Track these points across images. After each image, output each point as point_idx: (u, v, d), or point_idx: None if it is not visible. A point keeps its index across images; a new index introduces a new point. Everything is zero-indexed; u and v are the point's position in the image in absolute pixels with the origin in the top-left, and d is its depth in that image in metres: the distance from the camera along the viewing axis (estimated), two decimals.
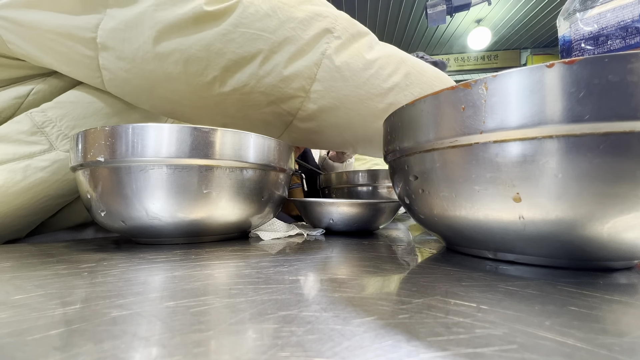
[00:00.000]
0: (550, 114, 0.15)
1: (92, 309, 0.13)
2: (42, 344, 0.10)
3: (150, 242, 0.29)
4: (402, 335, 0.10)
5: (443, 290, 0.15)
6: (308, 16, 0.33)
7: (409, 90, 0.38)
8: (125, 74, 0.32)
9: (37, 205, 0.34)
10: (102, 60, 0.32)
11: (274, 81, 0.34)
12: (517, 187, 0.17)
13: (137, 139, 0.25)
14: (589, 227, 0.16)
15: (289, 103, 0.36)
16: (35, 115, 0.33)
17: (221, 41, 0.31)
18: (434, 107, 0.20)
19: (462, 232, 0.21)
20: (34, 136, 0.33)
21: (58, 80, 0.36)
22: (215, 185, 0.27)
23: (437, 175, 0.20)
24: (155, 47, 0.31)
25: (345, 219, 0.36)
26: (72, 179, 0.35)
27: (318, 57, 0.34)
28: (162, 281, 0.17)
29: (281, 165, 0.32)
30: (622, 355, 0.09)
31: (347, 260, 0.22)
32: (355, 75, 0.36)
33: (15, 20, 0.30)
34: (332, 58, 0.34)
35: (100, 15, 0.30)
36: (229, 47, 0.31)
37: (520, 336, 0.10)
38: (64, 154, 0.34)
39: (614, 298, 0.14)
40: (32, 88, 0.34)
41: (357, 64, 0.36)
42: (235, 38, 0.31)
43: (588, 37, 0.36)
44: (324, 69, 0.34)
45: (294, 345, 0.10)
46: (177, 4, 0.30)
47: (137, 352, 0.09)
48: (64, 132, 0.34)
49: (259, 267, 0.20)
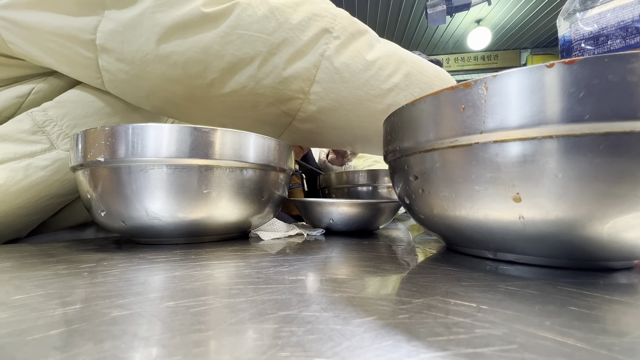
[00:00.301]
0: (550, 114, 0.15)
1: (92, 309, 0.13)
2: (42, 344, 0.10)
3: (150, 242, 0.29)
4: (402, 335, 0.10)
5: (443, 290, 0.15)
6: (306, 17, 0.33)
7: (409, 90, 0.38)
8: (125, 76, 0.32)
9: (38, 204, 0.34)
10: (102, 62, 0.32)
11: (273, 83, 0.34)
12: (517, 187, 0.17)
13: (137, 139, 0.25)
14: (589, 227, 0.16)
15: (288, 104, 0.36)
16: (36, 114, 0.33)
17: (219, 43, 0.31)
18: (434, 107, 0.20)
19: (462, 232, 0.21)
20: (35, 135, 0.33)
21: (59, 79, 0.36)
22: (215, 185, 0.27)
23: (437, 175, 0.20)
24: (153, 49, 0.31)
25: (345, 219, 0.36)
26: (73, 178, 0.35)
27: (317, 58, 0.34)
28: (162, 281, 0.17)
29: (281, 165, 0.32)
30: (622, 355, 0.09)
31: (347, 260, 0.22)
32: (354, 77, 0.35)
33: (16, 21, 0.30)
34: (331, 59, 0.34)
35: (98, 17, 0.30)
36: (228, 49, 0.31)
37: (520, 336, 0.10)
38: (64, 153, 0.34)
39: (614, 298, 0.14)
40: (33, 87, 0.34)
41: (356, 65, 0.35)
42: (233, 40, 0.31)
43: (588, 37, 0.36)
44: (323, 70, 0.34)
45: (294, 345, 0.10)
46: (175, 6, 0.30)
47: (137, 352, 0.09)
48: (65, 131, 0.34)
49: (259, 267, 0.20)
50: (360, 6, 2.67)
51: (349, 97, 0.36)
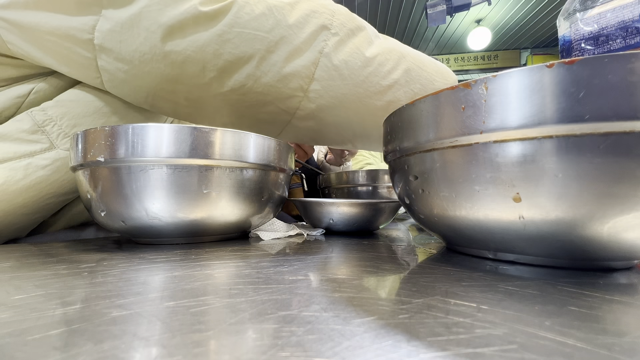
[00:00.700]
0: (550, 114, 0.15)
1: (92, 309, 0.13)
2: (42, 344, 0.10)
3: (150, 242, 0.29)
4: (402, 335, 0.10)
5: (443, 290, 0.15)
6: (304, 14, 0.33)
7: (409, 86, 0.38)
8: (123, 75, 0.32)
9: (39, 203, 0.34)
10: (101, 62, 0.32)
11: (271, 81, 0.34)
12: (517, 187, 0.17)
13: (137, 139, 0.25)
14: (589, 227, 0.16)
15: (287, 103, 0.36)
16: (36, 114, 0.33)
17: (217, 42, 0.31)
18: (434, 107, 0.20)
19: (462, 232, 0.21)
20: (35, 135, 0.33)
21: (58, 79, 0.36)
22: (215, 185, 0.27)
23: (437, 175, 0.20)
24: (151, 49, 0.30)
25: (345, 219, 0.36)
26: (72, 178, 0.35)
27: (316, 55, 0.34)
28: (162, 281, 0.17)
29: (281, 165, 0.32)
30: (622, 355, 0.09)
31: (347, 260, 0.22)
32: (353, 74, 0.35)
33: (15, 21, 0.30)
34: (330, 57, 0.34)
35: (95, 16, 0.30)
36: (225, 47, 0.31)
37: (520, 336, 0.10)
38: (64, 153, 0.34)
39: (614, 298, 0.14)
40: (33, 87, 0.34)
41: (355, 61, 0.35)
42: (231, 38, 0.31)
43: (588, 37, 0.36)
44: (322, 68, 0.34)
45: (294, 345, 0.10)
46: (171, 5, 0.30)
47: (137, 352, 0.09)
48: (65, 130, 0.34)
49: (259, 267, 0.20)
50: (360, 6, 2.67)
51: (348, 95, 0.36)
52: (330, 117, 0.38)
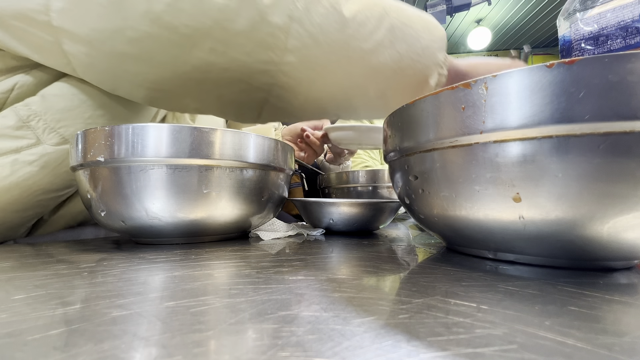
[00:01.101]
0: (550, 114, 0.15)
1: (92, 309, 0.13)
2: (42, 344, 0.10)
3: (150, 242, 0.29)
4: (402, 335, 0.10)
5: (443, 290, 0.15)
6: None
7: (394, 47, 0.34)
8: (87, 58, 0.30)
9: (29, 200, 0.33)
10: (65, 46, 0.30)
11: (237, 55, 0.30)
12: (517, 187, 0.17)
13: (137, 139, 0.25)
14: (589, 227, 0.16)
15: (259, 78, 0.32)
16: (19, 109, 0.32)
17: (170, 13, 0.28)
18: (434, 107, 0.20)
19: (462, 232, 0.21)
20: (20, 130, 0.32)
21: (42, 72, 0.35)
22: (215, 185, 0.27)
23: (437, 175, 0.20)
24: (104, 25, 0.28)
25: (345, 219, 0.36)
26: (62, 173, 0.34)
27: (284, 21, 0.29)
28: (162, 281, 0.17)
29: (281, 165, 0.32)
30: (622, 355, 0.09)
31: (347, 260, 0.22)
32: (330, 39, 0.31)
33: None
34: (302, 21, 0.30)
35: None
36: (180, 19, 0.28)
37: (520, 336, 0.10)
38: (51, 148, 0.33)
39: (614, 298, 0.14)
40: (16, 82, 0.33)
41: (331, 24, 0.31)
42: (184, 8, 0.27)
43: (588, 37, 0.36)
44: (293, 36, 0.30)
45: (294, 345, 0.10)
46: None
47: (137, 352, 0.09)
48: (50, 125, 0.33)
49: (259, 267, 0.20)
50: None
51: (327, 65, 0.32)
52: (311, 92, 0.34)
